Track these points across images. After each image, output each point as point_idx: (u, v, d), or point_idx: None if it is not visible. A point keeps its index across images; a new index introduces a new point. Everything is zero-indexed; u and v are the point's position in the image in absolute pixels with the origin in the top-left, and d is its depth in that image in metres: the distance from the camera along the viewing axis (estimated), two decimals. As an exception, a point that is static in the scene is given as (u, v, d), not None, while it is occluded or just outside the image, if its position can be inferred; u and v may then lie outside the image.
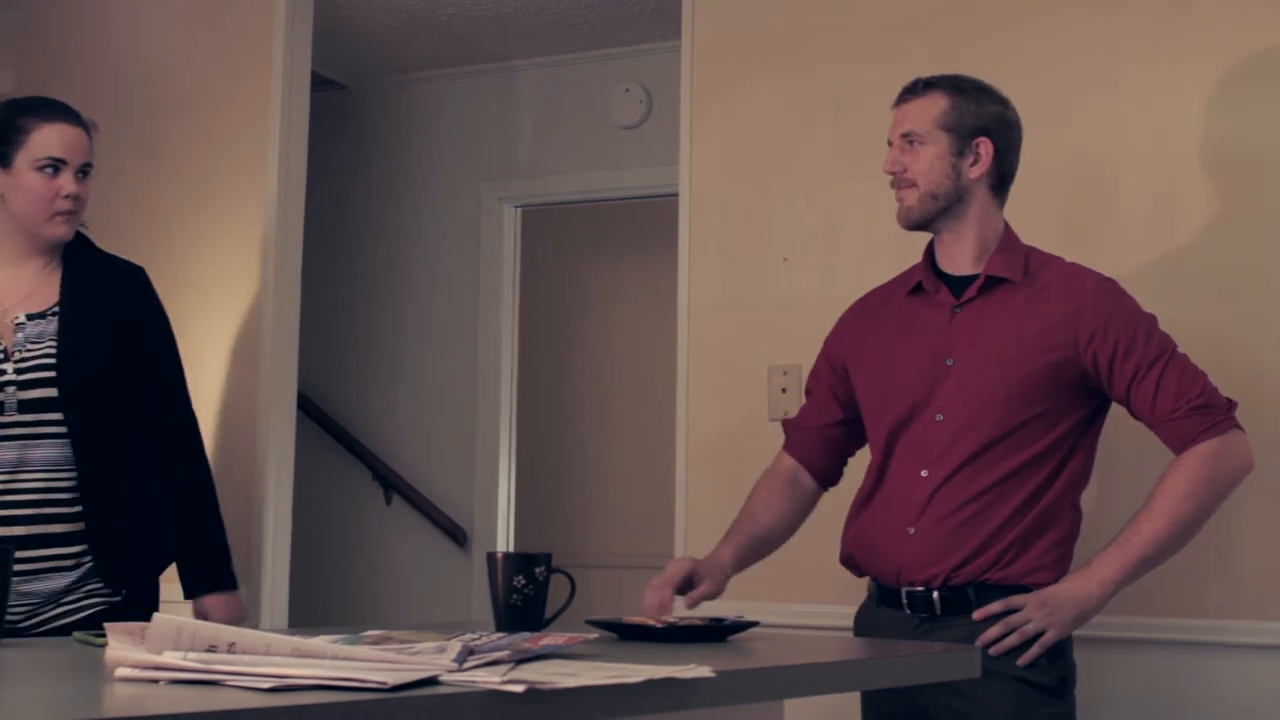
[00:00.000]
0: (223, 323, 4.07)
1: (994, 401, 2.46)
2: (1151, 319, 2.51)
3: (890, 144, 2.60)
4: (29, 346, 2.71)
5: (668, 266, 3.77)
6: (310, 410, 5.42)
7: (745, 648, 2.04)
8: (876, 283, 2.74)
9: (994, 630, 2.40)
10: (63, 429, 2.71)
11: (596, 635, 2.04)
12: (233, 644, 1.39)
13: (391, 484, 5.56)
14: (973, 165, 2.54)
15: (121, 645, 1.51)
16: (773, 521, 2.69)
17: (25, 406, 2.69)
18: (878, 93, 2.64)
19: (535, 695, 1.36)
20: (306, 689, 1.29)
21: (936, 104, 2.54)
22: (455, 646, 1.51)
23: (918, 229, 2.59)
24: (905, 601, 2.50)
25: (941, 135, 2.53)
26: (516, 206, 5.57)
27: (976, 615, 2.42)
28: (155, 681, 1.34)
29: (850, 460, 2.78)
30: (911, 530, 2.49)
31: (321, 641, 1.46)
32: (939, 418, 2.50)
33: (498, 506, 5.46)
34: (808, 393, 2.79)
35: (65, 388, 2.71)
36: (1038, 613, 2.39)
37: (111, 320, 2.81)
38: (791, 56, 3.57)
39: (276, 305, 4.02)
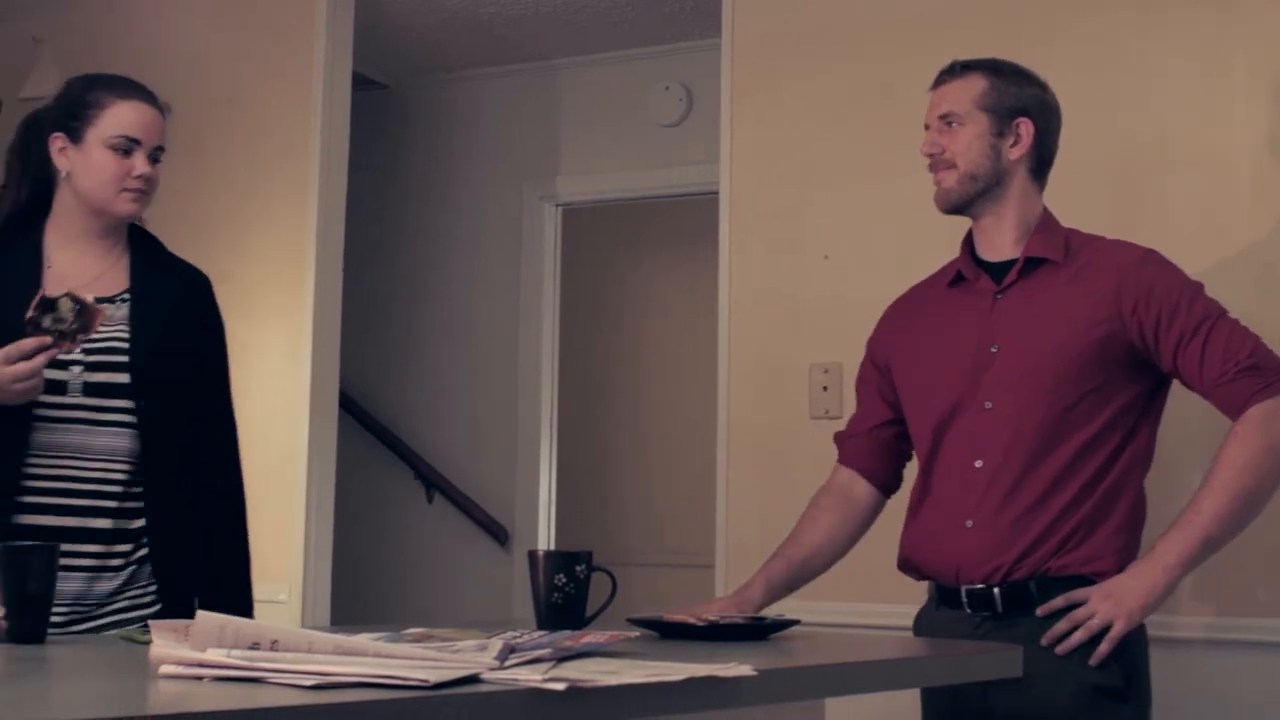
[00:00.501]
0: (264, 321, 4.08)
1: (1042, 384, 2.39)
2: (1197, 285, 2.42)
3: (927, 128, 2.53)
4: (99, 328, 2.50)
5: (709, 265, 3.76)
6: (352, 409, 5.43)
7: (786, 646, 2.04)
8: (918, 278, 2.69)
9: (1060, 626, 2.31)
10: (129, 417, 2.55)
11: (637, 633, 2.04)
12: (275, 642, 1.40)
13: (433, 482, 5.58)
14: (1013, 146, 2.47)
15: (165, 643, 1.52)
16: (818, 541, 2.61)
17: (91, 389, 2.54)
18: (918, 89, 2.62)
19: (576, 693, 1.36)
20: (349, 686, 1.29)
21: (975, 85, 2.49)
22: (497, 644, 1.51)
23: (955, 212, 2.52)
24: (965, 601, 2.42)
25: (981, 115, 2.47)
26: (557, 205, 5.58)
27: (1040, 611, 2.34)
28: (199, 679, 1.35)
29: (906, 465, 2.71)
30: (970, 523, 2.41)
31: (363, 639, 1.46)
32: (988, 405, 2.43)
33: (539, 504, 5.46)
34: (858, 403, 2.71)
35: (137, 372, 2.56)
36: (1103, 605, 2.29)
37: (178, 317, 2.68)
38: (831, 54, 3.56)
39: (318, 303, 4.04)
